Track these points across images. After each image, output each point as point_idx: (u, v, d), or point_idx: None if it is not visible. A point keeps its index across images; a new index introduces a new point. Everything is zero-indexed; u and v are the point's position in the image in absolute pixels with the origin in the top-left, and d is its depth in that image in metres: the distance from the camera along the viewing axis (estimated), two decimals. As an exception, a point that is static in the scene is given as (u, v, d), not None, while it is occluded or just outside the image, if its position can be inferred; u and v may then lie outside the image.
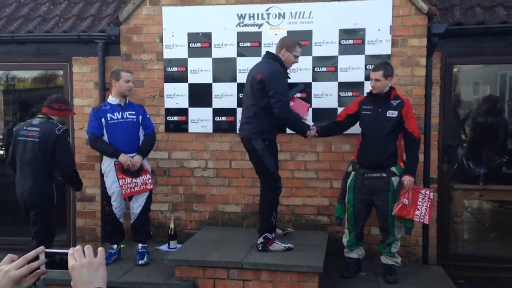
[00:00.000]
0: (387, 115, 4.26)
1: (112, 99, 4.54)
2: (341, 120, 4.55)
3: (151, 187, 4.60)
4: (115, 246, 4.66)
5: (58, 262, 1.35)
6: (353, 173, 4.44)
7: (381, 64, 4.37)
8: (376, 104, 4.32)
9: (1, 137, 6.53)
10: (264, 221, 4.30)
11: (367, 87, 4.87)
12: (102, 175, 5.48)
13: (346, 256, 4.54)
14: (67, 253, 1.32)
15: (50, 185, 4.64)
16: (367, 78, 4.93)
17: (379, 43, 4.97)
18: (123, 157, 4.40)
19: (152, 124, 4.70)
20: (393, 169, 4.28)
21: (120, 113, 4.48)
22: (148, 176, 4.56)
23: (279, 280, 4.03)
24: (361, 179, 4.35)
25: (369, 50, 4.99)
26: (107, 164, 4.54)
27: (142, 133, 4.60)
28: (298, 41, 4.36)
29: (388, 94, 4.33)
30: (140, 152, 4.50)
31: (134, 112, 4.54)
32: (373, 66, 4.49)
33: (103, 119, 4.46)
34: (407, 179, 4.23)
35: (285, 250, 4.28)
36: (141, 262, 4.51)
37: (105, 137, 4.48)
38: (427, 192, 4.37)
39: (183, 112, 5.36)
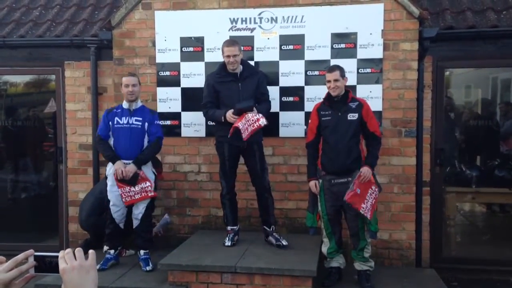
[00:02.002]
0: (348, 118, 4.22)
1: (124, 103, 4.55)
2: (315, 137, 4.39)
3: (152, 194, 4.53)
4: (112, 251, 4.62)
5: (48, 266, 1.34)
6: (320, 180, 4.36)
7: (334, 65, 4.36)
8: (335, 109, 4.26)
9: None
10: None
11: (359, 90, 4.90)
12: (98, 179, 5.50)
13: (327, 266, 4.48)
14: (57, 256, 1.30)
15: None
16: (359, 81, 4.98)
17: (371, 47, 4.99)
18: (117, 164, 4.39)
19: (158, 131, 4.60)
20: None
21: (127, 118, 4.48)
22: (148, 183, 4.48)
23: (273, 284, 4.02)
24: (328, 185, 4.28)
25: (361, 54, 5.01)
26: (109, 167, 4.53)
27: (147, 140, 4.55)
28: (225, 42, 4.53)
29: (345, 97, 4.27)
30: (135, 161, 4.43)
31: (140, 119, 4.51)
32: (327, 68, 4.41)
33: (110, 122, 4.47)
34: (365, 170, 4.15)
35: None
36: (147, 268, 4.48)
37: (112, 140, 4.49)
38: (376, 189, 4.24)
39: (176, 116, 5.36)
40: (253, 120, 4.27)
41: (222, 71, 4.50)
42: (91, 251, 1.33)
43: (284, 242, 4.50)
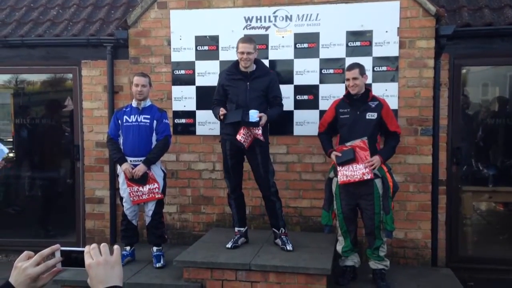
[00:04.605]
0: (367, 117, 4.18)
1: (133, 102, 4.61)
2: (325, 130, 4.43)
3: (159, 196, 4.55)
4: (128, 248, 4.69)
5: (74, 260, 1.37)
6: (335, 178, 4.34)
7: (354, 63, 4.31)
8: (354, 107, 4.23)
9: (12, 140, 6.61)
10: None
11: (375, 88, 4.87)
12: (114, 176, 5.56)
13: (342, 265, 4.47)
14: (83, 251, 1.34)
15: None
16: (375, 80, 4.95)
17: (387, 44, 4.96)
18: (124, 166, 4.46)
19: (166, 130, 4.59)
20: (375, 171, 4.17)
21: (136, 116, 4.52)
22: (156, 185, 4.51)
23: (287, 282, 4.03)
24: (344, 184, 4.25)
25: (377, 52, 4.99)
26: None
27: (155, 138, 4.56)
28: (241, 38, 4.48)
29: (366, 96, 4.24)
30: (145, 161, 4.45)
31: (149, 116, 4.52)
32: (346, 67, 4.39)
33: (120, 121, 4.54)
34: (377, 159, 4.09)
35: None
36: (158, 265, 4.53)
37: (121, 139, 4.56)
38: (367, 172, 4.09)
39: (191, 114, 5.39)
40: (254, 132, 4.22)
41: (233, 69, 4.45)
42: (116, 246, 1.35)
43: (289, 247, 4.38)
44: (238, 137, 4.20)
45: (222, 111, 4.29)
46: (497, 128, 5.70)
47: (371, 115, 4.18)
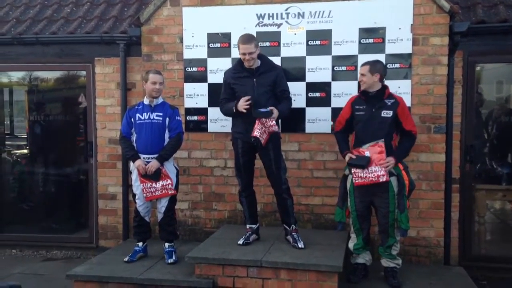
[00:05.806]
0: (382, 115, 4.14)
1: (145, 99, 4.62)
2: (343, 128, 4.40)
3: (172, 192, 4.57)
4: (140, 244, 4.73)
5: None
6: (350, 176, 4.31)
7: (370, 60, 4.28)
8: (370, 104, 4.20)
9: (26, 136, 6.69)
10: None
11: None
12: (127, 173, 5.61)
13: (353, 262, 4.46)
14: None
15: None
16: (388, 77, 4.89)
17: (400, 42, 4.93)
18: (137, 162, 4.48)
19: (179, 127, 4.60)
20: (391, 170, 4.13)
21: (148, 113, 4.53)
22: (169, 181, 4.53)
23: (298, 279, 4.03)
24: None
25: (390, 49, 4.96)
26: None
27: (168, 135, 4.57)
28: (240, 38, 4.41)
29: (381, 93, 4.20)
30: (158, 157, 4.47)
31: (161, 114, 4.53)
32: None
33: (132, 119, 4.56)
34: (391, 159, 4.08)
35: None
36: (170, 261, 4.56)
37: (134, 136, 4.58)
38: (383, 175, 4.07)
39: (203, 111, 5.41)
40: (268, 126, 4.20)
41: (238, 67, 4.44)
42: None
43: (300, 245, 4.36)
44: (254, 133, 4.18)
45: (243, 101, 4.22)
46: (511, 126, 5.63)
47: (387, 113, 4.14)
